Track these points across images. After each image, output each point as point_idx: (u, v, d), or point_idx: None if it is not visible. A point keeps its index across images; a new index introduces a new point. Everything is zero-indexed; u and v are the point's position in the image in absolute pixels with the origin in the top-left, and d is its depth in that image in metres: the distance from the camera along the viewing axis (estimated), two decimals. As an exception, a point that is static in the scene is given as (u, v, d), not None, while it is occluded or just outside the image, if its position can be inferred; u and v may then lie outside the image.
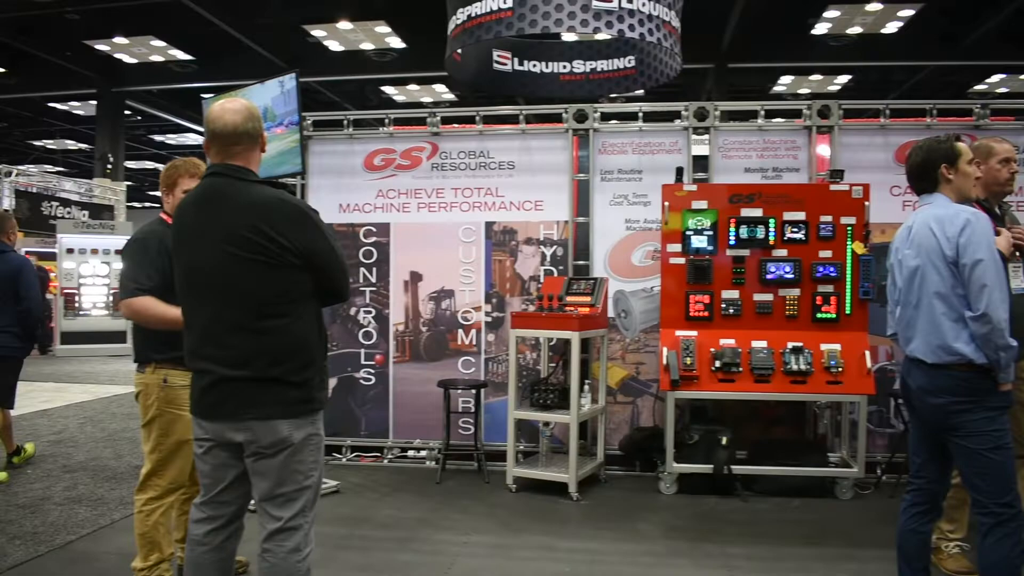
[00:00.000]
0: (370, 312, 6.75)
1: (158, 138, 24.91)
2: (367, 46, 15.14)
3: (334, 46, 15.22)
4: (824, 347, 5.58)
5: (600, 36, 6.11)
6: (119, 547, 4.49)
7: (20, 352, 6.19)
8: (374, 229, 6.76)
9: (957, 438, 3.23)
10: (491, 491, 5.81)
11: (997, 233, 3.96)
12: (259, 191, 2.73)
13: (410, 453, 6.75)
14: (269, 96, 5.50)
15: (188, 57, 16.06)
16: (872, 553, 4.45)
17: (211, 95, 6.09)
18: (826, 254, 5.69)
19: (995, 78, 15.06)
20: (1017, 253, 4.04)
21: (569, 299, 5.89)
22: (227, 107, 2.78)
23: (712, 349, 5.63)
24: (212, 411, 2.74)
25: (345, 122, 6.87)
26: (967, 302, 3.16)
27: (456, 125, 6.97)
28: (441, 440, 6.30)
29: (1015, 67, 14.28)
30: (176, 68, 16.63)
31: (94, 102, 18.91)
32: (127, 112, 19.64)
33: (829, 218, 5.69)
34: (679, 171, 6.02)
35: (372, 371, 6.74)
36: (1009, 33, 12.23)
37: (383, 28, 14.20)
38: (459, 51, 5.64)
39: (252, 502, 2.85)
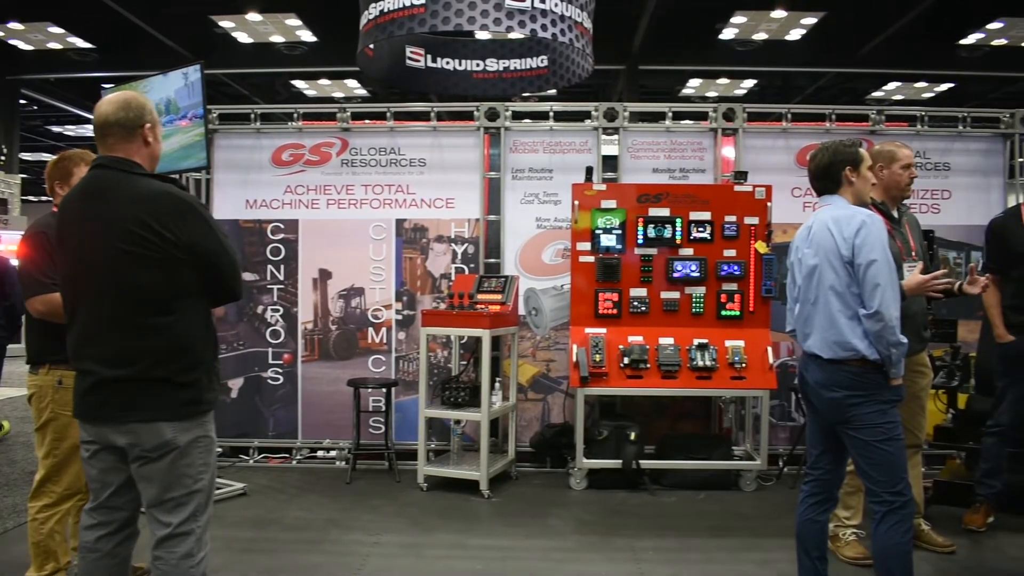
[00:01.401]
0: (278, 310, 6.62)
1: (56, 129, 23.84)
2: (277, 39, 14.81)
3: (243, 38, 14.82)
4: (728, 343, 5.73)
5: (513, 35, 6.13)
6: (12, 557, 4.27)
7: (4, 341, 6.89)
8: (282, 226, 6.63)
9: (851, 430, 3.35)
10: (402, 490, 5.77)
11: (891, 235, 4.16)
12: (145, 184, 2.65)
13: (319, 453, 6.66)
14: (172, 88, 5.34)
15: (88, 45, 15.41)
16: (775, 543, 4.58)
17: (112, 85, 5.87)
18: (730, 253, 5.84)
19: (891, 86, 15.68)
20: (914, 254, 4.24)
21: (480, 297, 5.90)
22: (107, 98, 2.72)
23: (621, 346, 5.72)
24: (94, 413, 2.65)
25: (252, 116, 6.72)
26: (861, 300, 3.28)
27: (367, 121, 6.90)
28: (351, 440, 6.22)
29: (910, 76, 14.91)
30: (75, 56, 15.91)
31: (-14, 90, 18.00)
32: (22, 101, 18.75)
33: (733, 218, 5.84)
34: (589, 170, 6.09)
35: (280, 370, 6.62)
36: (905, 43, 12.76)
37: (294, 21, 13.91)
38: (371, 46, 5.57)
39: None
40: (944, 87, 15.42)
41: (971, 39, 12.55)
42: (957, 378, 5.55)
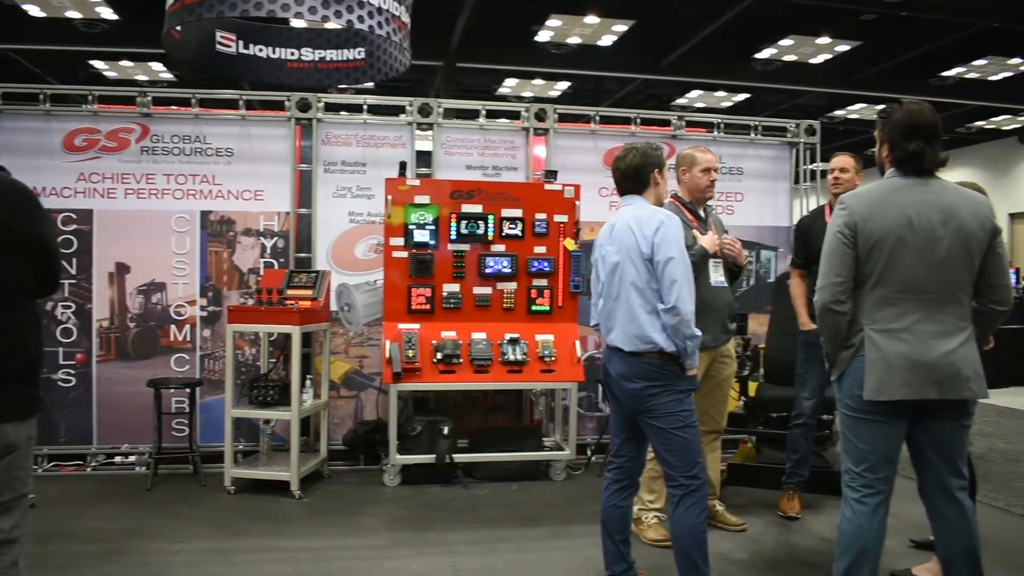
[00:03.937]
0: (69, 307, 6.16)
1: None
2: (74, 14, 13.77)
3: (34, 11, 13.66)
4: (539, 338, 5.89)
5: (329, 25, 6.00)
6: None
7: None
8: (74, 216, 6.17)
9: (650, 419, 3.53)
10: (208, 494, 5.54)
11: (702, 233, 4.45)
12: None
13: (117, 459, 6.25)
14: (-56, 63, 4.87)
15: None
16: (582, 529, 4.72)
17: None
18: (541, 250, 6.00)
19: (694, 94, 16.53)
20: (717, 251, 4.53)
21: (290, 292, 5.75)
22: None
23: (434, 341, 5.75)
24: None
25: (42, 96, 6.20)
26: (660, 295, 3.46)
27: (173, 107, 6.55)
28: (152, 444, 5.89)
29: (710, 85, 15.81)
30: None
31: None
32: None
33: (544, 216, 6.00)
34: (402, 165, 6.07)
35: (72, 372, 6.16)
36: (707, 54, 13.52)
37: (93, -4, 13.00)
38: (178, 28, 5.30)
39: None
40: (741, 97, 16.44)
41: (765, 54, 13.47)
42: (748, 368, 5.97)
